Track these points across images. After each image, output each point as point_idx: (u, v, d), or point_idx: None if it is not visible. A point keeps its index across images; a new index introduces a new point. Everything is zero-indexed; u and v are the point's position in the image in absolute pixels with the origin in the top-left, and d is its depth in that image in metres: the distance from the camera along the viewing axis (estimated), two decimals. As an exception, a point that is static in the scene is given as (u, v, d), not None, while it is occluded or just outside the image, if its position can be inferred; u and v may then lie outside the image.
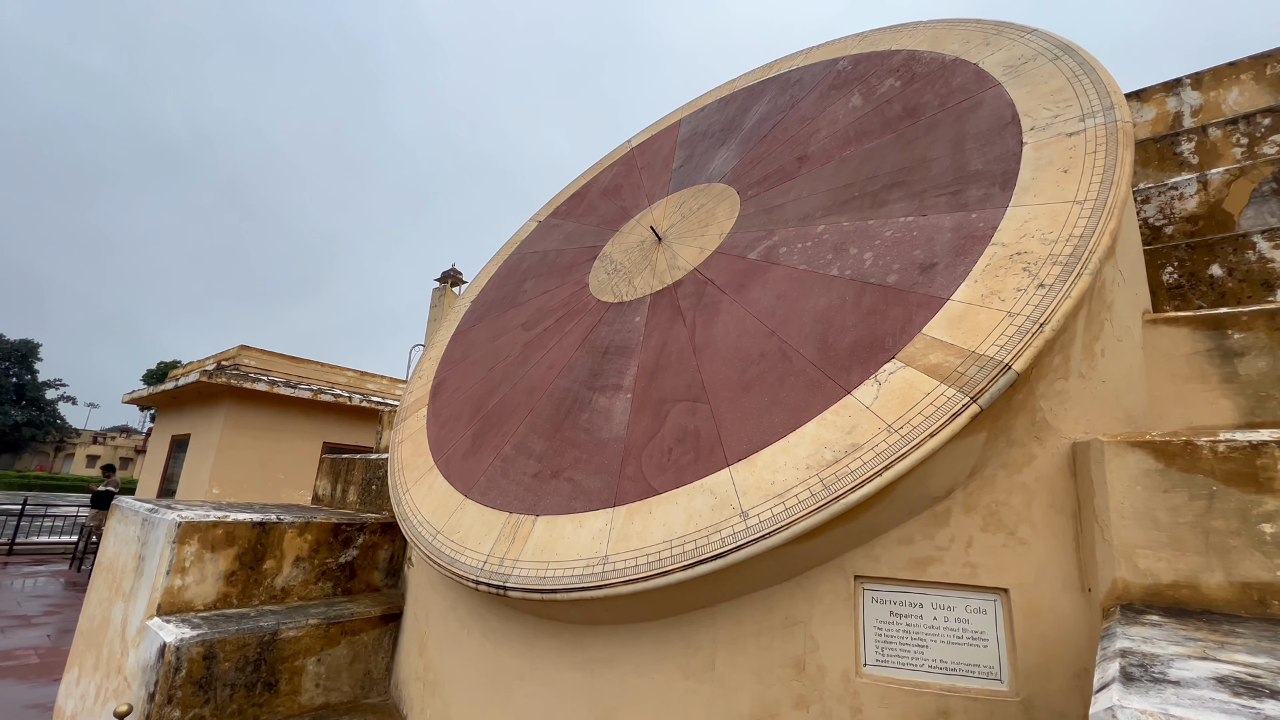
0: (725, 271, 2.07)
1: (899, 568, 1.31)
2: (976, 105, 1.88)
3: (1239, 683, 0.54)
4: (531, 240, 3.54)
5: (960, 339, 1.32)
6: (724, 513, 1.35)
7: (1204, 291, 1.74)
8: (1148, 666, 0.61)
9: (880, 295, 1.56)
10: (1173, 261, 1.81)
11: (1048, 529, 1.26)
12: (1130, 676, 0.57)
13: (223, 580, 2.29)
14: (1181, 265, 1.79)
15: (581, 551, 1.51)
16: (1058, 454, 1.29)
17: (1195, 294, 1.75)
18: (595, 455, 1.77)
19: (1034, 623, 1.21)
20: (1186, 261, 1.79)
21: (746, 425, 1.50)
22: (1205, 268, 1.75)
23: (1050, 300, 1.26)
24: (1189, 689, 0.52)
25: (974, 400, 1.20)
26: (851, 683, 1.27)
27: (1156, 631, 0.82)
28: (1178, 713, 0.46)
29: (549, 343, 2.44)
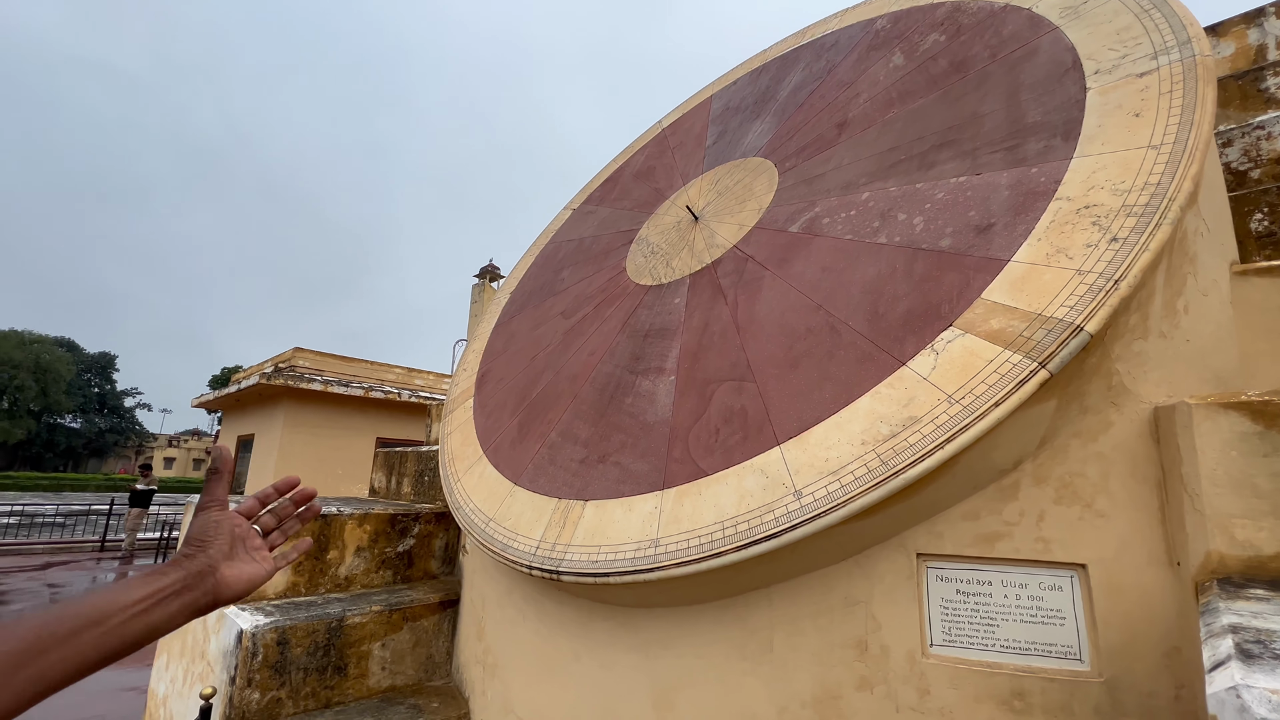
0: (766, 247, 2.01)
1: (964, 544, 1.25)
2: (1032, 53, 1.75)
3: (1380, 660, 0.48)
4: (566, 229, 3.54)
5: (1024, 302, 1.24)
6: (776, 492, 1.32)
7: (1299, 238, 1.59)
8: (1266, 643, 0.56)
9: (933, 261, 1.48)
10: (1262, 207, 1.66)
11: (1129, 500, 1.17)
12: (1249, 654, 0.52)
13: (291, 570, 2.40)
14: (1272, 210, 1.64)
15: (632, 535, 1.51)
16: (1138, 420, 1.20)
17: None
18: (641, 439, 1.75)
19: (1117, 600, 1.14)
20: (1278, 206, 1.63)
21: (796, 403, 1.46)
22: (1300, 212, 1.59)
23: (1125, 255, 1.17)
24: None
25: (1043, 365, 1.13)
26: (918, 663, 1.23)
27: (1265, 606, 0.75)
28: None
29: (589, 329, 2.44)
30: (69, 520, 13.99)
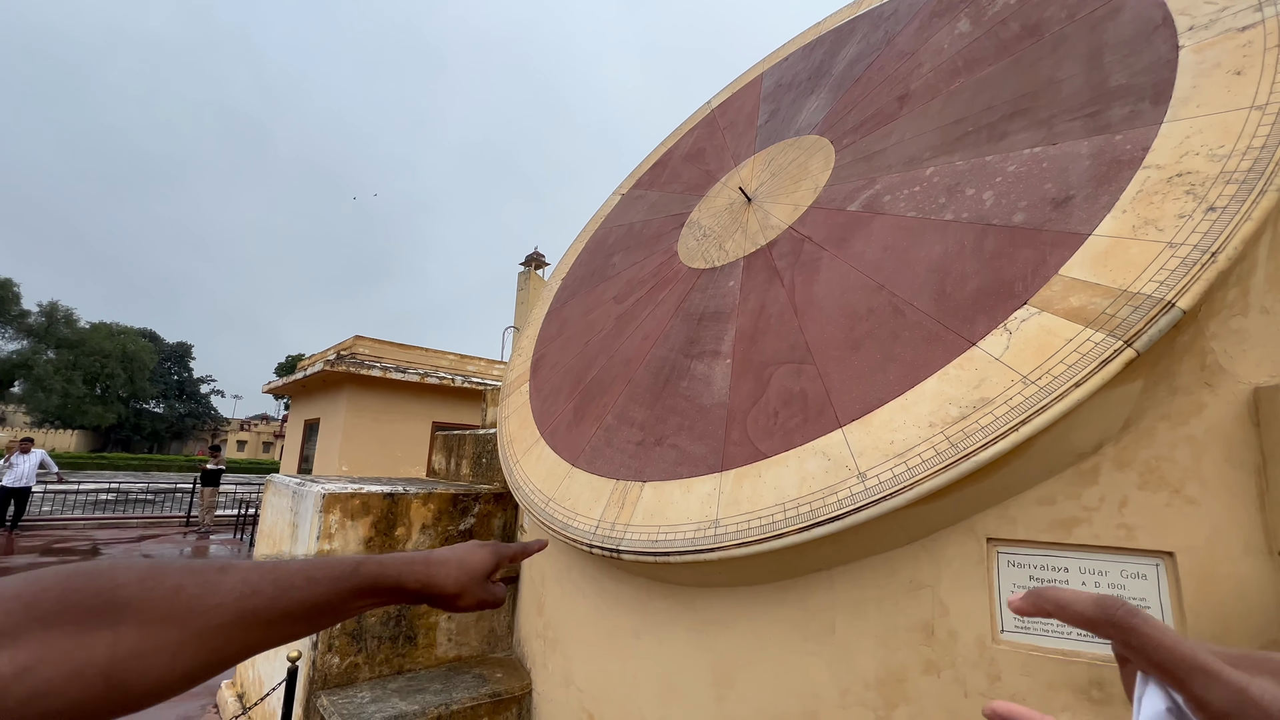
0: (823, 226, 1.97)
1: (1039, 530, 1.21)
2: (1115, 10, 1.64)
3: None
4: (616, 214, 3.56)
5: (1108, 277, 1.17)
6: (839, 474, 1.31)
7: None
8: (1395, 632, 0.52)
9: (1005, 237, 1.42)
10: (1382, 170, 1.50)
11: (1222, 486, 1.11)
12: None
13: (362, 545, 2.54)
14: (1394, 173, 1.48)
15: (691, 515, 1.53)
16: (1234, 401, 1.13)
17: None
18: (698, 422, 1.76)
19: (1209, 589, 1.08)
20: (1402, 168, 1.48)
21: (858, 385, 1.44)
22: None
23: (1224, 225, 1.09)
24: None
25: (1128, 344, 1.07)
26: (988, 649, 1.20)
27: (1387, 597, 0.70)
28: None
29: (642, 313, 2.45)
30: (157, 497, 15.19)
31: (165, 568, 0.44)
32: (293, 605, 0.49)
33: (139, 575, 0.41)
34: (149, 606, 0.40)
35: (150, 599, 0.41)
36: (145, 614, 0.40)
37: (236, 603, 0.45)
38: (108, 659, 0.38)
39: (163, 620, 0.41)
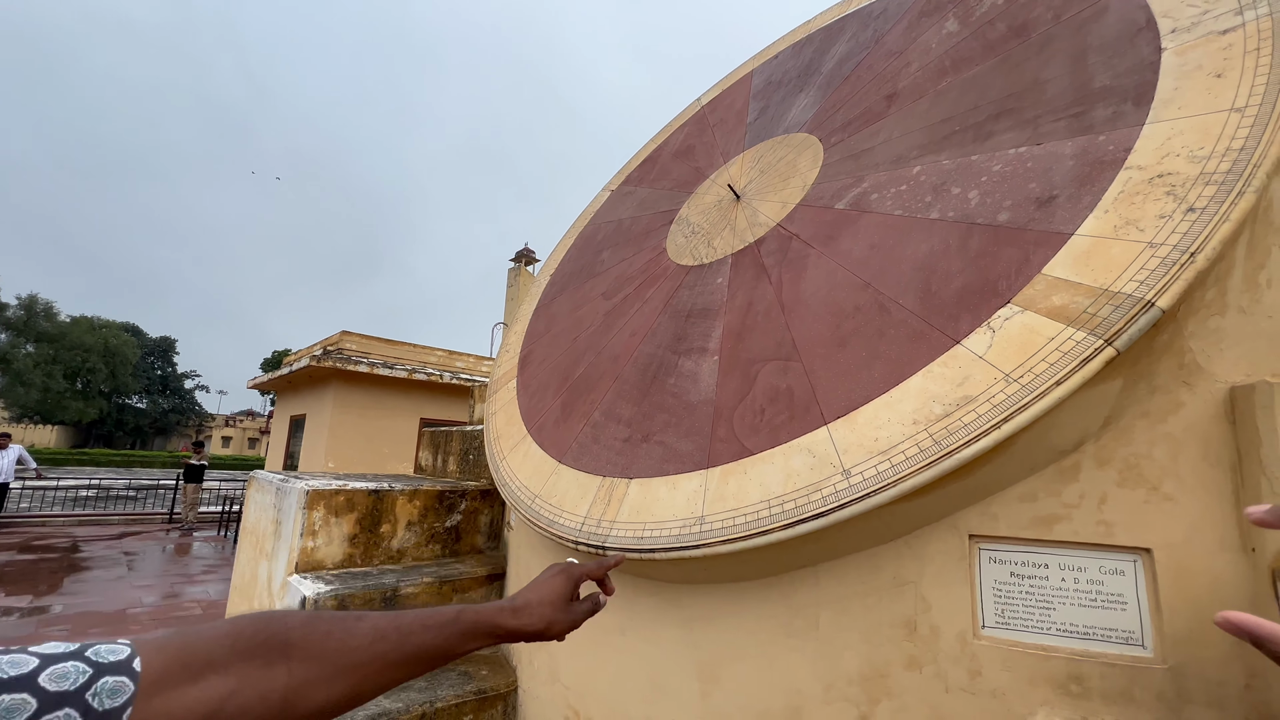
0: (811, 224, 1.97)
1: (1020, 526, 1.22)
2: (1100, 12, 1.65)
3: None
4: (605, 210, 3.54)
5: (1089, 277, 1.19)
6: (824, 471, 1.31)
7: (1400, 206, 1.46)
8: (1362, 627, 0.53)
9: (990, 236, 1.43)
10: (1356, 173, 1.53)
11: (1199, 484, 1.13)
12: (1344, 636, 0.50)
13: (347, 542, 2.52)
14: (1369, 177, 1.51)
15: (677, 512, 1.52)
16: (1212, 400, 1.15)
17: (1388, 209, 1.48)
18: (685, 418, 1.76)
19: (1184, 585, 1.10)
20: (1376, 172, 1.50)
21: (844, 382, 1.44)
22: (1402, 177, 1.46)
23: (1202, 226, 1.10)
24: None
25: (1109, 343, 1.08)
26: (969, 644, 1.21)
27: (1355, 592, 0.71)
28: None
29: (630, 310, 2.45)
30: (139, 494, 14.97)
31: (318, 616, 0.54)
32: (412, 649, 0.58)
33: (301, 621, 0.52)
34: (309, 646, 0.51)
35: (309, 640, 0.51)
36: (307, 652, 0.50)
37: (370, 646, 0.55)
38: (285, 687, 0.48)
39: (319, 658, 0.51)
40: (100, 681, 0.39)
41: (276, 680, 0.48)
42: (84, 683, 0.39)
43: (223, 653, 0.46)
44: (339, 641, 0.53)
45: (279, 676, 0.48)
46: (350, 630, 0.55)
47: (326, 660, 0.51)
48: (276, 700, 0.47)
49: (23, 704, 0.36)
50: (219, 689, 0.44)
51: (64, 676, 0.39)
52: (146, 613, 6.19)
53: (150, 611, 6.24)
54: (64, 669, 0.39)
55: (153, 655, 0.43)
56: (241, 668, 0.46)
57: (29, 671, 0.38)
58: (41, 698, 0.37)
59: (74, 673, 0.39)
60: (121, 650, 0.43)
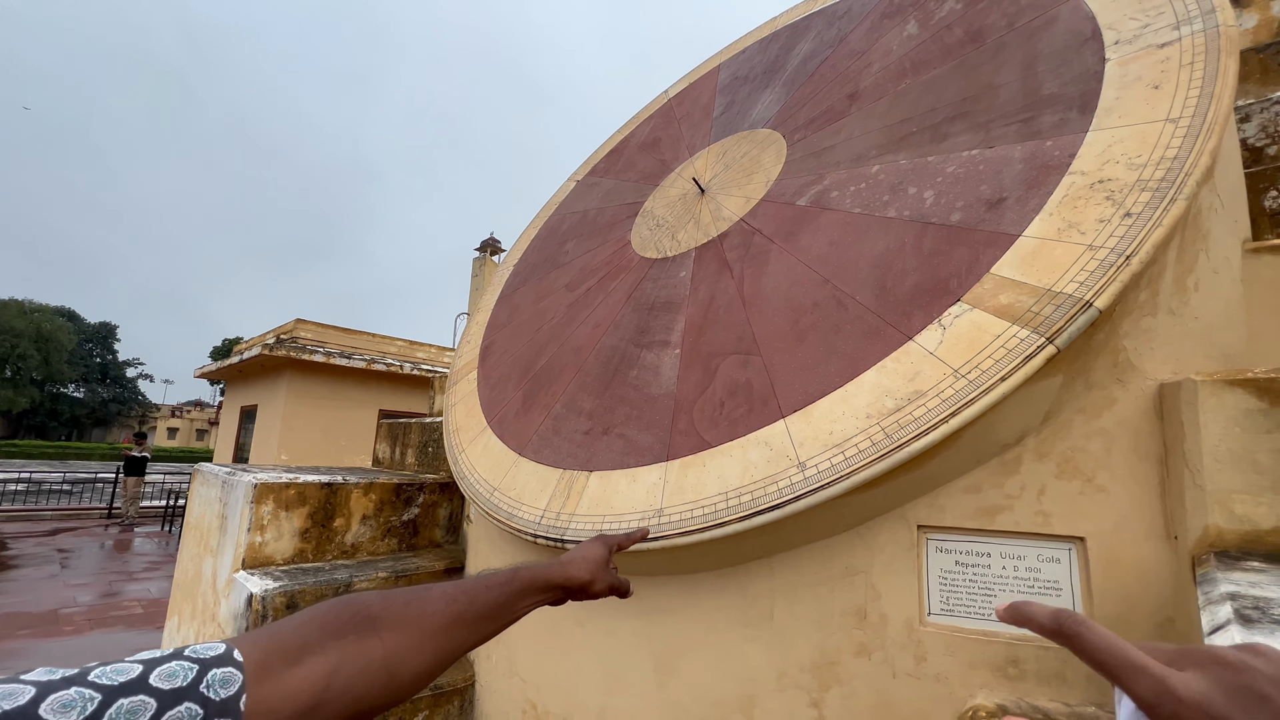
0: (773, 220, 1.99)
1: (965, 517, 1.27)
2: (1050, 22, 1.71)
3: (1377, 625, 0.49)
4: (570, 201, 3.51)
5: (1034, 277, 1.23)
6: (780, 464, 1.33)
7: (1314, 216, 1.57)
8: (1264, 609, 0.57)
9: (943, 235, 1.47)
10: (1277, 184, 1.64)
11: (1129, 475, 1.19)
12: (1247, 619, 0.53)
13: (298, 537, 2.44)
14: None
15: (636, 505, 1.53)
16: (1142, 396, 1.21)
17: (1303, 219, 1.58)
18: (646, 411, 1.76)
19: (1113, 572, 1.16)
20: (1294, 184, 1.61)
21: (801, 376, 1.47)
22: (1316, 189, 1.57)
23: (1138, 230, 1.16)
24: None
25: (1050, 341, 1.13)
26: (915, 631, 1.25)
27: (1263, 577, 0.76)
28: None
29: (594, 302, 2.43)
30: (75, 488, 14.18)
31: (393, 591, 0.58)
32: (482, 608, 0.63)
33: (377, 598, 0.56)
34: (392, 617, 0.54)
35: (391, 612, 0.54)
36: (392, 623, 0.53)
37: (445, 609, 0.59)
38: (383, 657, 0.51)
39: (405, 627, 0.54)
40: (210, 674, 0.41)
41: (374, 652, 0.51)
42: (194, 678, 0.41)
43: (314, 635, 0.49)
44: (418, 610, 0.57)
45: (374, 649, 0.51)
46: (425, 598, 0.59)
47: (412, 628, 0.55)
48: (378, 670, 0.50)
49: (143, 705, 0.37)
50: (321, 668, 0.47)
51: (173, 675, 0.40)
52: (81, 612, 5.87)
53: (86, 611, 5.93)
54: (170, 668, 0.41)
55: (248, 647, 0.45)
56: (337, 646, 0.49)
57: (137, 676, 0.39)
58: (159, 697, 0.38)
59: (181, 670, 0.41)
60: (218, 646, 0.45)
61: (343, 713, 0.48)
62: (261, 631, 0.49)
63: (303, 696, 0.45)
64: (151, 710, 0.38)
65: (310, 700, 0.45)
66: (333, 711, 0.47)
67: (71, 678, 0.37)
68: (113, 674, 0.39)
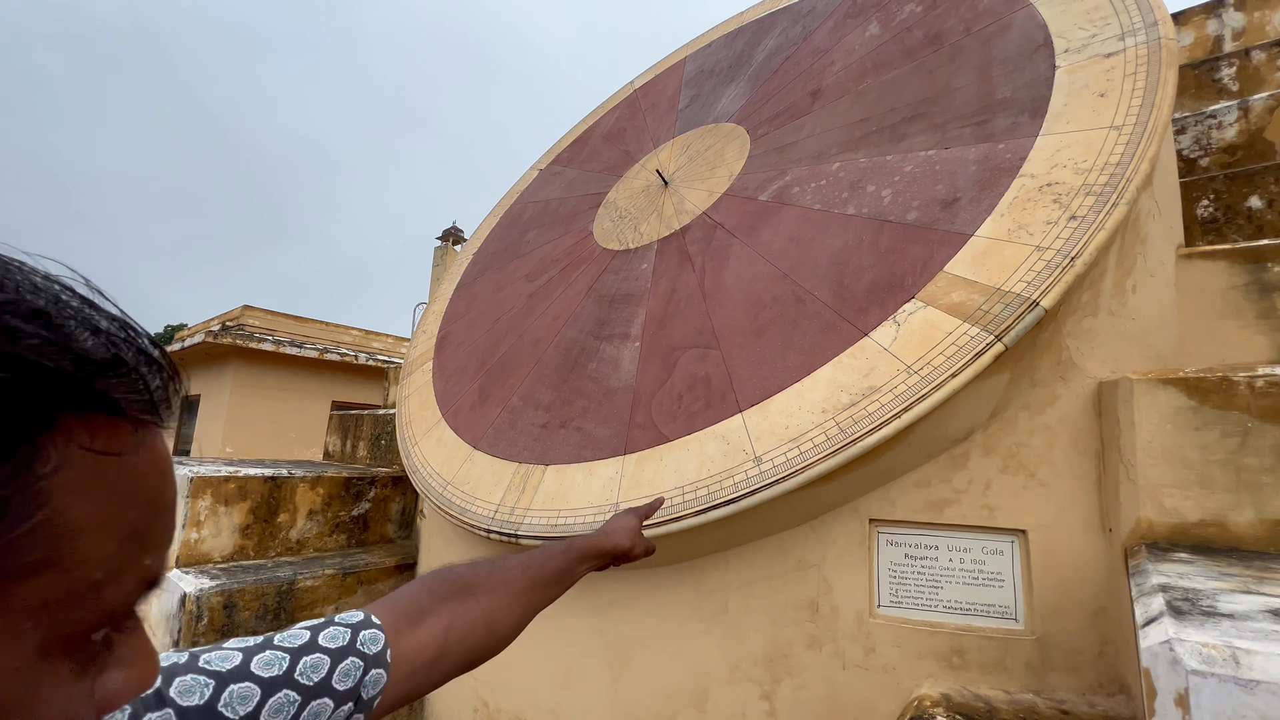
0: (735, 214, 1.99)
1: (915, 511, 1.29)
2: (1005, 28, 1.75)
3: (1295, 615, 0.51)
4: (533, 189, 3.44)
5: (985, 276, 1.26)
6: (737, 458, 1.33)
7: (1240, 225, 1.66)
8: (1194, 600, 0.59)
9: (899, 233, 1.49)
10: (1209, 194, 1.72)
11: (1069, 470, 1.23)
12: (1179, 610, 0.55)
13: (238, 533, 2.32)
14: (1218, 198, 1.70)
15: (592, 499, 1.50)
16: (1083, 394, 1.25)
17: (1231, 228, 1.67)
18: (604, 404, 1.74)
19: (1052, 563, 1.20)
20: (1224, 194, 1.70)
21: (759, 370, 1.46)
22: (1243, 200, 1.66)
23: (1082, 233, 1.19)
24: (1244, 621, 0.50)
25: (998, 339, 1.15)
26: (865, 623, 1.27)
27: (1190, 568, 0.79)
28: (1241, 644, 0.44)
29: (554, 293, 2.39)
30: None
31: (477, 562, 0.67)
32: (551, 572, 0.72)
33: (469, 566, 0.65)
34: (483, 583, 0.62)
35: (480, 579, 0.63)
36: (484, 588, 0.62)
37: (523, 575, 0.68)
38: (482, 615, 0.59)
39: (495, 590, 0.63)
40: (361, 635, 0.50)
41: (475, 612, 0.60)
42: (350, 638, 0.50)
43: (428, 601, 0.58)
44: (501, 577, 0.66)
45: (475, 609, 0.60)
46: (505, 567, 0.68)
47: (500, 591, 0.64)
48: (480, 626, 0.60)
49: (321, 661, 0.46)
50: (438, 626, 0.56)
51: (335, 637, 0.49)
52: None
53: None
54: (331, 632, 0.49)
55: (379, 612, 0.55)
56: (446, 608, 0.58)
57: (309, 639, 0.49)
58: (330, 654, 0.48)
59: (339, 634, 0.50)
60: (358, 614, 0.54)
61: (458, 661, 0.58)
62: (385, 602, 0.58)
63: (429, 649, 0.55)
64: (328, 665, 0.47)
65: (435, 652, 0.56)
66: (451, 661, 0.57)
67: (262, 643, 0.47)
68: (290, 639, 0.48)
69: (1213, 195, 1.71)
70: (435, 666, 0.56)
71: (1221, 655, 0.44)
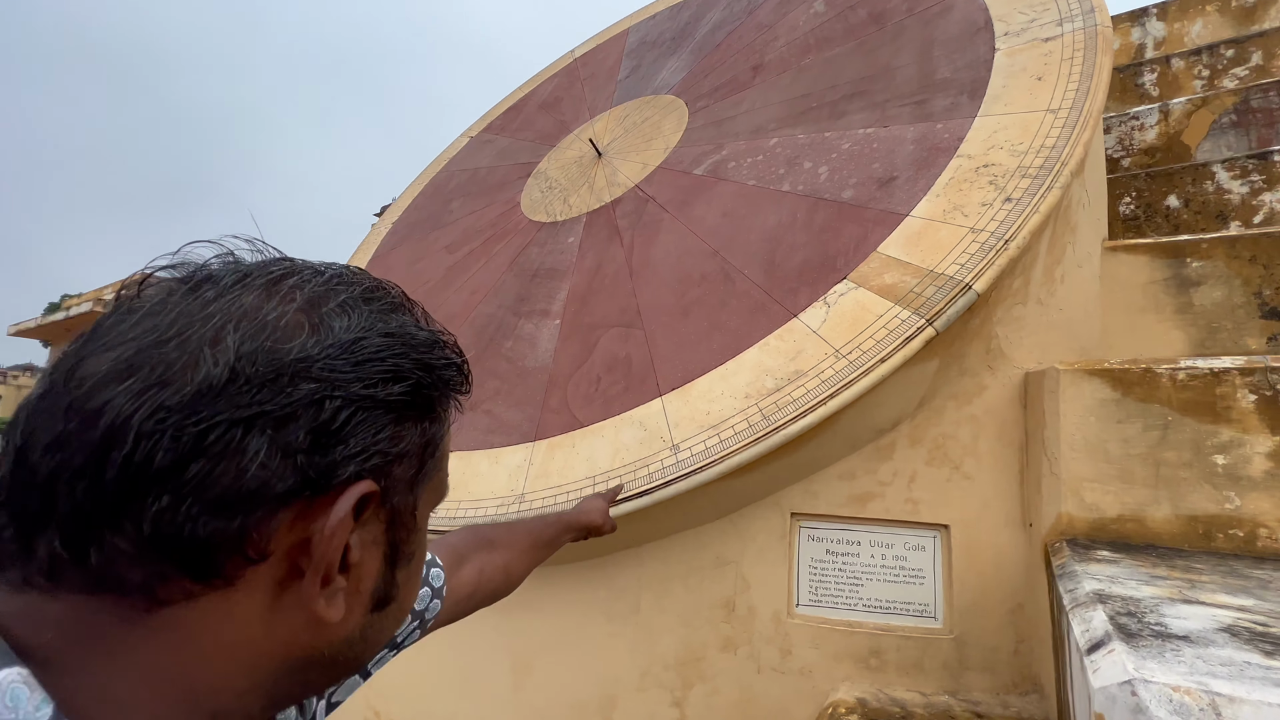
0: (668, 188, 1.87)
1: (838, 504, 1.22)
2: (947, 9, 1.70)
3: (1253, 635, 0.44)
4: (462, 157, 3.20)
5: (918, 257, 1.19)
6: (653, 446, 1.21)
7: (1159, 224, 1.69)
8: (1138, 616, 0.51)
9: (834, 212, 1.41)
10: (1130, 192, 1.74)
11: (993, 463, 1.18)
12: (1128, 631, 0.47)
13: None
14: (1139, 196, 1.73)
15: (496, 489, 1.36)
16: (1009, 385, 1.21)
17: (1150, 226, 1.70)
18: (517, 386, 1.59)
19: (972, 559, 1.15)
20: (1144, 192, 1.72)
21: (683, 352, 1.35)
22: (1162, 199, 1.69)
23: (1017, 215, 1.14)
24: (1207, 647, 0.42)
25: (929, 323, 1.08)
26: (783, 624, 1.19)
27: (1117, 569, 0.74)
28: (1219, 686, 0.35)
29: (473, 266, 2.20)
30: None
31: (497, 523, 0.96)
32: (547, 537, 0.90)
33: (491, 527, 0.82)
34: (502, 539, 0.80)
35: (500, 538, 0.79)
36: (503, 545, 0.78)
37: (528, 536, 0.86)
38: (504, 563, 0.76)
39: (509, 548, 0.79)
40: (431, 571, 0.61)
41: (498, 560, 0.74)
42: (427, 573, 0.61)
43: (466, 549, 0.71)
44: (513, 537, 0.81)
45: (499, 558, 0.75)
46: (515, 530, 0.85)
47: (514, 547, 0.79)
48: (501, 571, 0.74)
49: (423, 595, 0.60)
50: (474, 569, 0.69)
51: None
52: None
53: None
54: None
55: (440, 554, 0.65)
56: (478, 556, 0.71)
57: None
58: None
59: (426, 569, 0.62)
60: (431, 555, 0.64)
61: (485, 598, 0.71)
62: (441, 544, 0.68)
63: (468, 586, 0.67)
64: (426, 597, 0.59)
65: (471, 588, 0.67)
66: (480, 598, 0.70)
67: None
68: None
69: (1134, 193, 1.73)
70: (470, 600, 0.68)
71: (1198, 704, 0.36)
